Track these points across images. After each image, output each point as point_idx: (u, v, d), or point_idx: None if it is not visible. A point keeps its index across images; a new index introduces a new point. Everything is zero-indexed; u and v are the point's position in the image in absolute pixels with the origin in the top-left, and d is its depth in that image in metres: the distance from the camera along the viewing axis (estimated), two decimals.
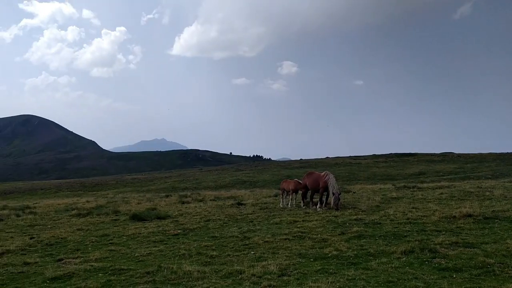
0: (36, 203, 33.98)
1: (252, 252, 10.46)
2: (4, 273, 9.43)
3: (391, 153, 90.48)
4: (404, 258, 9.16)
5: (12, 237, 14.54)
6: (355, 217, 14.78)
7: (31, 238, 13.94)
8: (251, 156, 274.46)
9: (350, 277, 8.01)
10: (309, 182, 19.16)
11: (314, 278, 8.07)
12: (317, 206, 18.29)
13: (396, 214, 14.87)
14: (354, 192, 25.10)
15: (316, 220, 14.81)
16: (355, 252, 9.91)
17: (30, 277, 9.00)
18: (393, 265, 8.65)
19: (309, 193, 19.66)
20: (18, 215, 21.45)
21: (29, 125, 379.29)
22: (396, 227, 12.65)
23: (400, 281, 7.70)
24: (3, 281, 8.78)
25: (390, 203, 18.61)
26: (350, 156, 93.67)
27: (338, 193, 17.65)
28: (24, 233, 15.56)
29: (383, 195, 21.84)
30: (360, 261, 9.27)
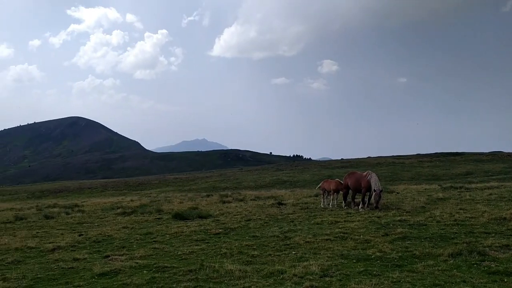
0: (84, 201, 35.29)
1: (293, 252, 10.42)
2: (56, 268, 9.83)
3: (437, 153, 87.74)
4: (452, 261, 8.86)
5: (62, 234, 15.13)
6: (399, 218, 14.44)
7: (80, 235, 14.46)
8: (291, 156, 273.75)
9: (394, 280, 7.82)
10: (351, 182, 18.88)
11: (357, 279, 7.93)
12: (359, 207, 18.00)
13: (443, 216, 14.42)
14: (397, 193, 24.52)
15: (358, 220, 14.58)
16: (400, 254, 9.68)
17: (80, 273, 9.34)
18: (439, 268, 8.39)
19: (350, 193, 19.40)
20: (67, 213, 22.32)
21: (77, 127, 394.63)
22: (443, 229, 12.26)
23: (447, 284, 7.45)
24: (54, 276, 9.16)
25: (436, 204, 18.07)
26: (393, 156, 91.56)
27: (380, 189, 17.32)
28: (73, 230, 16.15)
29: (428, 195, 21.24)
30: (405, 263, 9.04)
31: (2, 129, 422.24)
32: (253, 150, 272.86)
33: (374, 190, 17.32)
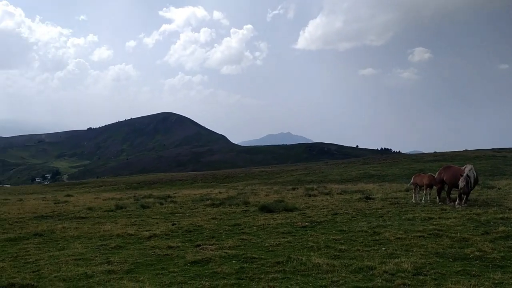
0: (176, 192, 37.16)
1: (383, 248, 10.06)
2: (153, 254, 10.48)
3: None
4: None
5: (157, 223, 16.04)
6: (500, 215, 13.35)
7: (173, 225, 15.21)
8: (379, 149, 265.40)
9: (496, 281, 7.24)
10: (447, 177, 17.73)
11: (454, 279, 7.46)
12: (456, 203, 16.89)
13: None
14: (499, 188, 22.65)
15: (455, 217, 13.69)
16: (502, 254, 8.94)
17: (174, 260, 9.85)
18: None
19: (446, 188, 18.27)
20: (161, 203, 23.61)
21: (168, 122, 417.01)
22: None
23: None
24: (152, 261, 9.78)
25: None
26: (493, 149, 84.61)
27: (469, 175, 16.14)
28: (167, 219, 17.03)
29: None
30: (508, 264, 8.35)
31: (103, 125, 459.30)
32: (339, 143, 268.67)
33: (461, 175, 16.24)
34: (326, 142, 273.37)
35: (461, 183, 16.22)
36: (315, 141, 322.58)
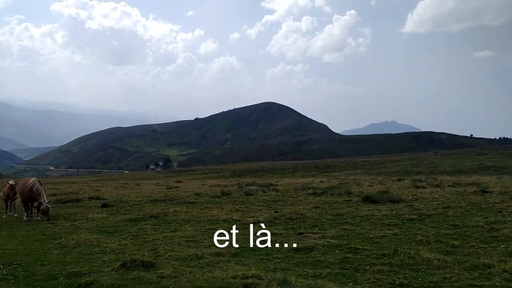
0: (277, 181, 37.74)
1: (502, 246, 9.24)
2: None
3: None
4: None
5: (260, 210, 16.47)
6: None
7: (275, 212, 15.52)
8: (497, 138, 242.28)
9: None
10: None
11: None
12: None
13: None
14: None
15: None
16: None
17: (277, 246, 10.05)
18: None
19: None
20: (264, 191, 24.18)
21: (270, 111, 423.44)
22: None
23: None
24: (256, 247, 10.08)
25: None
26: None
27: None
28: (270, 207, 17.40)
29: None
30: None
31: (209, 115, 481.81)
32: (450, 132, 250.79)
33: None
34: (435, 131, 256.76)
35: None
36: (423, 130, 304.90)
